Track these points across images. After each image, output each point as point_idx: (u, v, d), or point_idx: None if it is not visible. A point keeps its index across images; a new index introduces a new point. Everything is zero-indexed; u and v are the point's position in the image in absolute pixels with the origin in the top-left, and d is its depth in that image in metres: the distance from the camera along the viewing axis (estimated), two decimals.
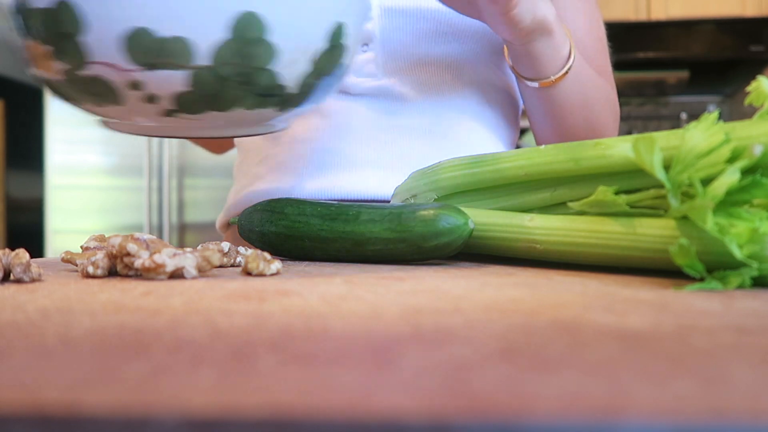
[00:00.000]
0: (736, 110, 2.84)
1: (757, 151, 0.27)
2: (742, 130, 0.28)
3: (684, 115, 2.86)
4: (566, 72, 0.58)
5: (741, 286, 0.27)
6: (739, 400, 0.11)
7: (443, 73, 0.64)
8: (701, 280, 0.27)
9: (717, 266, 0.28)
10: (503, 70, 0.68)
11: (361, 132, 0.62)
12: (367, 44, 0.63)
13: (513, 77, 0.69)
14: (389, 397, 0.11)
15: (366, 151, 0.62)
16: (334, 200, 0.51)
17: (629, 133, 2.85)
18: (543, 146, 0.38)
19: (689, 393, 0.12)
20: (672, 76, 2.65)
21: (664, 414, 0.10)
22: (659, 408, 0.11)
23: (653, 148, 0.29)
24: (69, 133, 2.45)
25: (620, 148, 0.33)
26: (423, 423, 0.10)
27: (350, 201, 0.51)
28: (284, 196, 0.46)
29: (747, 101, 0.31)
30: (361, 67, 0.63)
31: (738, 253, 0.26)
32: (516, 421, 0.10)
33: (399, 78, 0.63)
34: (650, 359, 0.14)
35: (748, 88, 0.31)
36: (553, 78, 0.58)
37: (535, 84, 0.59)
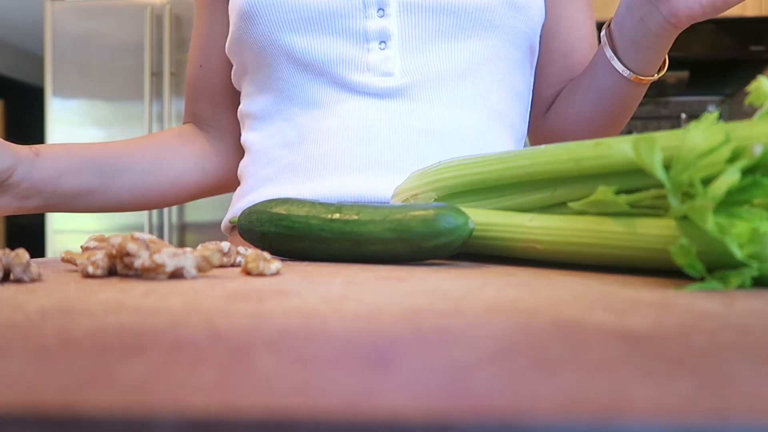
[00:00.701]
0: (736, 110, 2.84)
1: (757, 151, 0.27)
2: (742, 130, 0.28)
3: (684, 115, 2.86)
4: (661, 75, 0.62)
5: (741, 286, 0.27)
6: (740, 401, 0.11)
7: (462, 72, 0.63)
8: (702, 280, 0.27)
9: (717, 266, 0.27)
10: (520, 67, 0.67)
11: (376, 133, 0.61)
12: (384, 42, 0.61)
13: (529, 75, 0.69)
14: (389, 397, 0.11)
15: (380, 153, 0.60)
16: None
17: (629, 133, 2.85)
18: (543, 146, 0.38)
19: (690, 393, 0.12)
20: (672, 76, 2.65)
21: (665, 414, 0.10)
22: (660, 408, 0.11)
23: (653, 148, 0.29)
24: (69, 133, 2.45)
25: (620, 148, 0.33)
26: (423, 424, 0.10)
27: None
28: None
29: (747, 101, 0.31)
30: (378, 65, 0.61)
31: (738, 253, 0.26)
32: (516, 422, 0.10)
33: (416, 77, 0.62)
34: (651, 359, 0.14)
35: (748, 88, 0.31)
36: (657, 76, 0.62)
37: (628, 73, 0.61)
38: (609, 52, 0.61)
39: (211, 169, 0.75)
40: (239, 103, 0.72)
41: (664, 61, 0.62)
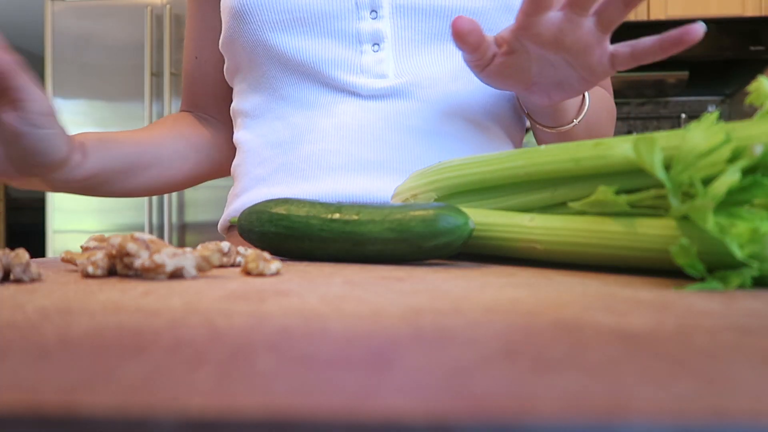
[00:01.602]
0: (736, 110, 2.85)
1: (758, 151, 0.27)
2: (743, 130, 0.28)
3: (684, 115, 2.87)
4: (582, 117, 0.61)
5: (741, 286, 0.27)
6: (740, 401, 0.11)
7: (455, 73, 0.62)
8: (702, 280, 0.27)
9: (718, 266, 0.27)
10: None
11: (371, 133, 0.60)
12: (378, 44, 0.61)
13: None
14: (389, 398, 0.11)
15: (375, 154, 0.60)
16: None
17: (629, 133, 2.85)
18: (543, 146, 0.38)
19: (691, 393, 0.12)
20: (672, 76, 2.65)
21: (665, 415, 0.10)
22: (661, 409, 0.11)
23: (654, 148, 0.29)
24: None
25: (620, 148, 0.33)
26: (423, 425, 0.10)
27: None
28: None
29: (747, 101, 0.31)
30: (371, 67, 0.61)
31: (739, 253, 0.26)
32: (517, 423, 0.10)
33: (410, 78, 0.61)
34: (651, 360, 0.14)
35: (749, 88, 0.31)
36: (571, 125, 0.61)
37: (553, 131, 0.61)
38: (524, 115, 0.62)
39: (218, 158, 0.76)
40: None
41: (583, 97, 0.61)
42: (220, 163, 0.76)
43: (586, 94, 0.60)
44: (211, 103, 0.76)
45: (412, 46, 0.62)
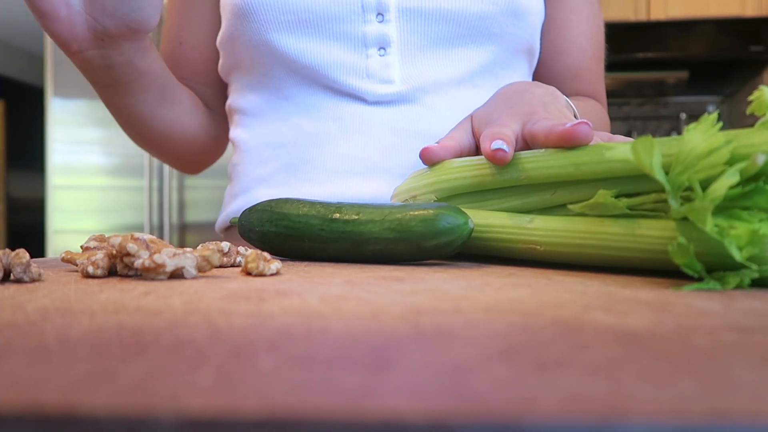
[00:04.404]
0: (735, 110, 2.84)
1: (760, 160, 0.26)
2: (744, 138, 0.28)
3: (683, 116, 2.86)
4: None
5: (739, 287, 0.27)
6: (740, 401, 0.11)
7: (461, 78, 0.62)
8: (700, 280, 0.27)
9: (717, 268, 0.27)
10: (518, 70, 0.67)
11: (377, 138, 0.60)
12: (384, 48, 0.61)
13: (528, 77, 0.69)
14: (389, 398, 0.11)
15: (380, 158, 0.60)
16: None
17: (629, 133, 2.85)
18: (543, 150, 0.38)
19: (691, 393, 0.12)
20: (671, 76, 2.65)
21: (665, 415, 0.10)
22: (660, 409, 0.11)
23: (652, 150, 0.29)
24: (70, 133, 2.45)
25: (619, 151, 0.33)
26: (423, 424, 0.10)
27: None
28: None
29: (749, 110, 0.30)
30: (377, 72, 0.61)
31: (738, 255, 0.26)
32: (516, 423, 0.10)
33: (416, 83, 0.61)
34: (651, 360, 0.14)
35: (750, 97, 0.30)
36: None
37: None
38: None
39: (215, 135, 0.74)
40: (220, 85, 0.71)
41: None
42: (216, 143, 0.74)
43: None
44: (201, 89, 0.73)
45: (418, 50, 0.61)
